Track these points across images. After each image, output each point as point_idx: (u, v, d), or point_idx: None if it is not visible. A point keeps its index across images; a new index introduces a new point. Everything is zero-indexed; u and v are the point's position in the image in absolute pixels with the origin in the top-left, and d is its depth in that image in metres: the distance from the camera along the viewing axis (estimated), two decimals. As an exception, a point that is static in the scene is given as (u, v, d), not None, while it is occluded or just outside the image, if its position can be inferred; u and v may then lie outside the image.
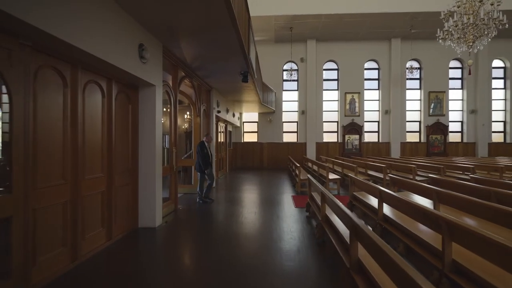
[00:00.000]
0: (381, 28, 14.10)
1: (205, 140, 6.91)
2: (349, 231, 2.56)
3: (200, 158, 6.65)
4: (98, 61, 3.24)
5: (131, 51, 3.89)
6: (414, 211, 3.09)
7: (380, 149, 15.46)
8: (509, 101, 15.10)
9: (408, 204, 3.18)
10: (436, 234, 2.88)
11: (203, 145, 6.75)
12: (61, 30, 2.57)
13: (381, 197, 4.03)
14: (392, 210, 4.05)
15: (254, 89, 9.20)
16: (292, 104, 16.05)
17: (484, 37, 6.71)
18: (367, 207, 4.81)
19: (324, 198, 4.02)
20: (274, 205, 6.50)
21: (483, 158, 12.99)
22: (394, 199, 3.63)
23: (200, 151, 6.65)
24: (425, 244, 2.87)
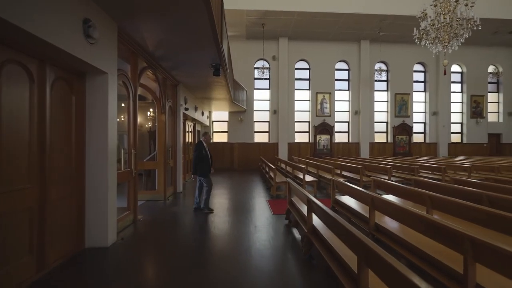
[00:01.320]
0: (351, 29, 14.19)
1: (204, 140, 6.08)
2: (357, 257, 2.03)
3: (197, 161, 5.85)
4: (20, 32, 2.36)
5: (73, 27, 3.03)
6: (420, 223, 2.67)
7: (350, 149, 15.61)
8: (465, 104, 16.11)
9: (412, 215, 2.76)
10: (447, 249, 2.48)
11: (201, 146, 5.95)
12: None
13: (373, 205, 3.61)
14: (386, 218, 3.65)
15: (225, 85, 8.52)
16: (264, 103, 15.59)
17: (459, 37, 6.76)
18: (352, 213, 4.41)
19: (311, 207, 3.50)
20: (249, 212, 5.89)
21: (445, 158, 13.63)
22: (392, 208, 3.21)
23: (198, 153, 5.85)
24: (437, 263, 2.45)
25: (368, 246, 1.85)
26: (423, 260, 2.66)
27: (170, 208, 6.28)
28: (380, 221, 3.61)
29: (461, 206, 3.23)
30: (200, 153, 5.85)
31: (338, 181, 5.00)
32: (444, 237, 2.32)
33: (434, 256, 2.52)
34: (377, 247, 1.78)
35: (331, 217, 2.68)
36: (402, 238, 3.06)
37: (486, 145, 16.00)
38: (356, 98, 15.58)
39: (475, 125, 16.00)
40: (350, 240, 2.20)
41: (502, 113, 16.26)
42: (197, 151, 5.90)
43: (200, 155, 5.85)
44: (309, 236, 3.49)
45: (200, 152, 5.86)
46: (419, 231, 2.73)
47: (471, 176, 7.86)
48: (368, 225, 3.73)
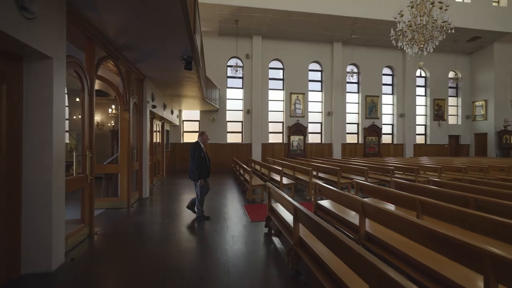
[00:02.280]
0: (324, 31, 14.23)
1: (200, 140, 5.48)
2: (369, 286, 1.65)
3: (195, 163, 5.23)
4: None
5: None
6: (424, 236, 2.38)
7: (323, 150, 15.67)
8: (429, 107, 16.97)
9: (417, 227, 2.46)
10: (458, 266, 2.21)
11: (199, 147, 5.35)
12: None
13: (364, 212, 3.31)
14: (378, 226, 3.36)
15: (197, 82, 7.91)
16: (237, 102, 15.11)
17: (434, 39, 6.86)
18: (337, 220, 4.11)
19: (299, 216, 3.10)
20: (224, 219, 5.38)
21: (411, 158, 14.17)
22: (389, 217, 2.91)
23: (196, 155, 5.24)
24: (447, 283, 2.16)
25: (389, 276, 1.47)
26: (428, 277, 2.37)
27: (134, 217, 5.56)
28: (372, 229, 3.32)
29: (457, 213, 3.03)
30: (199, 155, 5.27)
31: (321, 185, 4.68)
32: (458, 254, 2.03)
33: (442, 273, 2.23)
34: (402, 278, 1.40)
35: (329, 232, 2.29)
36: (400, 250, 2.77)
37: (447, 146, 16.99)
38: (329, 99, 15.70)
39: (437, 127, 16.92)
40: (358, 265, 1.81)
41: (461, 116, 17.39)
42: (196, 152, 5.28)
43: (199, 157, 5.26)
44: (296, 249, 3.09)
45: (199, 153, 5.28)
46: (425, 245, 2.44)
47: (441, 177, 8.07)
48: (357, 234, 3.43)
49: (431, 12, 6.52)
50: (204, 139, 5.52)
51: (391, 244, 2.95)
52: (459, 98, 17.43)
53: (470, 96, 17.23)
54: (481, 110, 16.51)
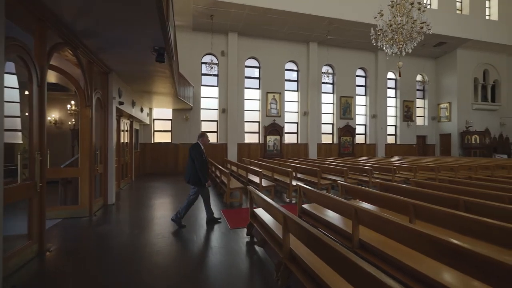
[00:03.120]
0: (301, 30, 14.15)
1: (201, 141, 5.08)
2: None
3: (197, 166, 4.83)
4: None
5: None
6: (428, 245, 2.14)
7: (299, 150, 15.61)
8: (399, 108, 17.62)
9: (419, 234, 2.22)
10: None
11: (199, 149, 4.95)
12: None
13: (357, 218, 3.04)
14: (370, 233, 3.11)
15: (170, 77, 7.32)
16: (212, 101, 14.56)
17: (413, 40, 6.91)
18: (325, 225, 3.83)
19: (289, 226, 2.76)
20: (201, 226, 4.91)
21: (383, 158, 14.56)
22: (385, 224, 2.66)
23: (198, 157, 4.85)
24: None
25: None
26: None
27: (97, 227, 4.90)
28: (365, 236, 3.07)
29: (454, 217, 2.86)
30: (201, 157, 4.87)
31: (306, 188, 4.39)
32: (471, 266, 1.80)
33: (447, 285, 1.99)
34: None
35: (327, 245, 1.96)
36: (400, 261, 2.52)
37: (415, 146, 17.76)
38: (305, 99, 15.68)
39: (406, 127, 17.62)
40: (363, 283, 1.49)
41: (427, 118, 18.28)
42: (197, 154, 4.87)
43: (201, 159, 4.86)
44: (286, 263, 2.74)
45: (201, 156, 4.89)
46: (429, 255, 2.21)
47: (416, 176, 8.20)
48: (350, 241, 3.17)
49: (410, 12, 6.57)
50: (205, 141, 5.13)
51: (389, 253, 2.70)
52: (426, 100, 18.31)
53: (435, 98, 18.16)
54: (445, 112, 17.46)
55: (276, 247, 3.09)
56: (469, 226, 2.78)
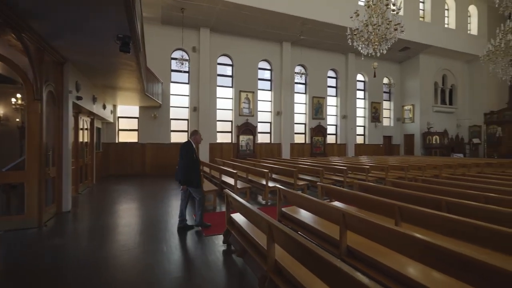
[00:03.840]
0: (275, 29, 14.00)
1: (193, 140, 4.77)
2: None
3: (183, 164, 4.53)
4: None
5: None
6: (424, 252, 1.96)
7: (273, 150, 15.49)
8: (367, 109, 18.24)
9: (415, 240, 2.04)
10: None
11: (191, 147, 4.64)
12: None
13: (345, 224, 2.83)
14: (358, 238, 2.92)
15: (136, 70, 6.69)
16: (183, 99, 13.88)
17: (388, 41, 7.01)
18: (308, 231, 3.60)
19: (274, 235, 2.46)
20: (171, 235, 4.45)
21: (353, 157, 14.92)
22: (376, 230, 2.47)
23: (186, 155, 4.54)
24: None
25: None
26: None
27: (47, 240, 4.24)
28: (353, 242, 2.87)
29: (443, 220, 2.76)
30: (191, 157, 4.57)
31: (286, 191, 4.14)
32: (475, 276, 1.63)
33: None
34: None
35: (322, 258, 1.69)
36: (393, 269, 2.34)
37: (382, 146, 18.50)
38: (278, 99, 15.59)
39: (374, 128, 18.30)
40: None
41: (393, 119, 19.14)
42: (188, 153, 4.56)
43: (192, 159, 4.57)
44: (271, 277, 2.45)
45: (191, 155, 4.59)
46: (424, 262, 2.04)
47: (388, 175, 8.38)
48: (336, 248, 2.95)
49: (385, 13, 6.66)
50: (197, 139, 4.82)
51: (381, 261, 2.52)
52: (391, 102, 19.16)
53: (400, 100, 19.08)
54: (409, 114, 18.41)
55: (258, 258, 2.78)
56: (458, 228, 2.70)
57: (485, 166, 10.13)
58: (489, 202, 3.71)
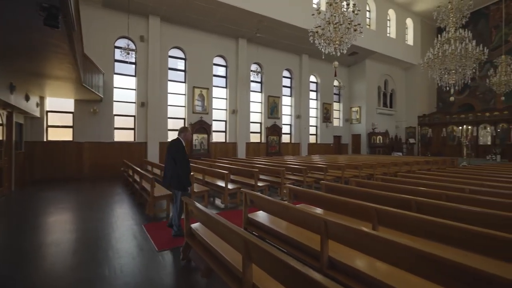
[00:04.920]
0: (231, 24, 13.51)
1: (183, 137, 4.33)
2: None
3: (178, 167, 4.11)
4: None
5: None
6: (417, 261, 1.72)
7: (228, 149, 14.97)
8: (319, 110, 18.88)
9: (406, 249, 1.78)
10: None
11: (181, 146, 4.21)
12: None
13: (326, 233, 2.51)
14: (339, 248, 2.62)
15: (70, 55, 5.57)
16: (129, 93, 12.50)
17: (348, 41, 7.07)
18: (281, 240, 3.23)
19: (252, 255, 2.01)
20: (115, 250, 3.67)
21: (307, 156, 15.25)
22: (364, 239, 2.19)
23: (180, 157, 4.12)
24: None
25: None
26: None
27: None
28: (334, 252, 2.57)
29: (424, 223, 2.62)
30: (183, 156, 4.16)
31: (254, 195, 3.71)
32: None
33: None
34: None
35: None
36: (382, 281, 2.08)
37: (332, 145, 19.35)
38: (234, 97, 15.13)
39: (325, 128, 19.04)
40: None
41: (342, 119, 20.18)
42: (180, 153, 4.12)
43: (184, 159, 4.15)
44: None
45: (183, 154, 4.17)
46: (418, 273, 1.79)
47: (344, 174, 8.55)
48: (316, 260, 2.62)
49: (347, 13, 6.71)
50: (187, 136, 4.40)
51: (368, 273, 2.25)
52: (341, 104, 20.18)
53: (349, 102, 20.21)
54: (356, 115, 19.60)
55: (230, 281, 2.29)
56: (437, 230, 2.59)
57: (424, 164, 11.12)
58: (450, 200, 3.80)
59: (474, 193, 4.13)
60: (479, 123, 17.31)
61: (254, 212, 3.94)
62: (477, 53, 9.31)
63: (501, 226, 2.59)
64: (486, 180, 5.40)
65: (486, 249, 2.23)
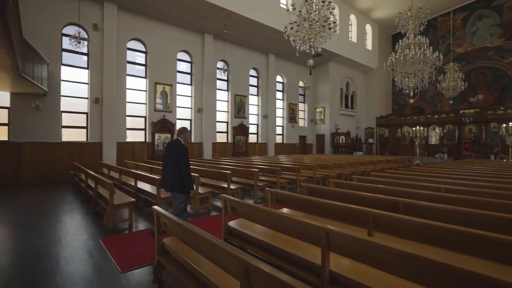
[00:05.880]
0: (197, 18, 12.82)
1: (183, 138, 4.06)
2: None
3: (182, 170, 3.85)
4: None
5: None
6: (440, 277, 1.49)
7: (193, 149, 14.21)
8: (285, 110, 18.96)
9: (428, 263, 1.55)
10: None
11: (182, 147, 3.95)
12: None
13: (328, 245, 2.21)
14: (340, 259, 2.34)
15: (3, 36, 4.59)
16: (80, 87, 11.14)
17: (323, 38, 6.96)
18: (270, 253, 2.87)
19: (252, 282, 1.61)
20: (64, 273, 2.98)
21: (274, 156, 15.14)
22: (372, 250, 1.92)
23: (184, 159, 3.88)
24: None
25: None
26: None
27: None
28: (337, 266, 2.28)
29: (422, 227, 2.46)
30: (186, 158, 3.96)
31: (235, 201, 3.29)
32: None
33: None
34: None
35: None
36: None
37: (297, 145, 19.58)
38: (199, 95, 14.42)
39: (291, 128, 19.19)
40: None
41: (307, 120, 20.53)
42: (182, 155, 3.91)
43: (187, 162, 3.96)
44: None
45: (187, 156, 3.98)
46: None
47: (315, 174, 8.50)
48: (317, 276, 2.31)
49: (322, 10, 6.61)
50: (187, 137, 4.17)
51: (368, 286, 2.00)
52: (306, 104, 20.52)
53: (313, 103, 20.64)
54: (320, 115, 20.09)
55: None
56: (438, 234, 2.45)
57: (386, 163, 11.64)
58: (431, 199, 3.79)
59: (450, 192, 4.20)
60: (429, 125, 18.86)
61: (235, 220, 3.53)
62: (434, 59, 9.97)
63: (501, 228, 2.54)
64: (447, 178, 5.65)
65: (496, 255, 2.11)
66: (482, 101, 18.03)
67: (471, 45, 18.82)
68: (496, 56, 17.82)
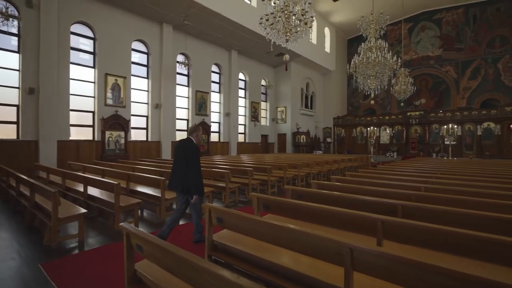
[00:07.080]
0: (154, 5, 11.71)
1: (195, 138, 3.79)
2: None
3: (193, 170, 3.61)
4: None
5: None
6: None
7: (150, 149, 13.05)
8: (247, 108, 18.60)
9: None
10: None
11: (193, 147, 3.72)
12: None
13: (352, 263, 1.85)
14: (362, 277, 1.99)
15: None
16: (10, 74, 9.32)
17: (299, 33, 6.69)
18: (270, 272, 2.42)
19: None
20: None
21: (236, 156, 14.70)
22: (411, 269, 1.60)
23: (195, 159, 3.67)
24: None
25: None
26: None
27: None
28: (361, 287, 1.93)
29: (439, 234, 2.25)
30: (198, 159, 3.72)
31: (221, 210, 2.77)
32: None
33: None
34: None
35: None
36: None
37: (260, 144, 19.38)
38: (157, 89, 13.27)
39: (254, 127, 18.91)
40: None
41: (269, 119, 20.46)
42: (193, 155, 3.64)
43: (198, 162, 3.73)
44: None
45: (198, 157, 3.74)
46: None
47: (286, 174, 8.27)
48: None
49: (300, 2, 6.35)
50: (199, 137, 3.92)
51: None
52: (268, 103, 20.43)
53: (275, 102, 20.64)
54: (282, 115, 20.19)
55: None
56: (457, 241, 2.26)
57: (348, 161, 12.00)
58: (419, 200, 3.72)
59: (431, 191, 4.22)
60: (381, 125, 20.22)
61: (219, 232, 3.01)
62: (393, 62, 10.50)
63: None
64: (418, 177, 5.83)
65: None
66: (424, 105, 19.91)
67: (416, 53, 20.68)
68: (436, 64, 19.84)
